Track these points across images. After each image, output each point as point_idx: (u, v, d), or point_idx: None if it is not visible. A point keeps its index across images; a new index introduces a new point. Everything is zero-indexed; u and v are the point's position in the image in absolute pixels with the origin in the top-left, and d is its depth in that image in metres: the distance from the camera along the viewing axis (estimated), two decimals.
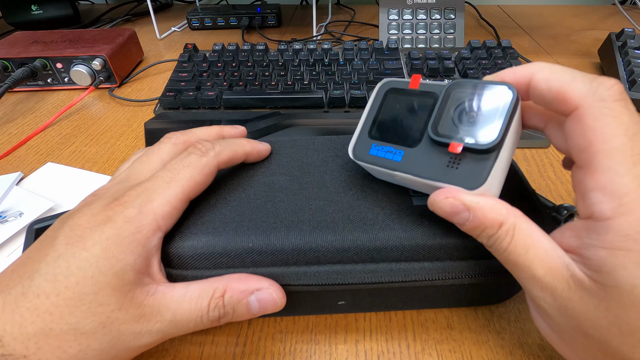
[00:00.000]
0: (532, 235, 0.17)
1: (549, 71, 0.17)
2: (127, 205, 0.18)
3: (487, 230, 0.17)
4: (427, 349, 0.23)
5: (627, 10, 0.74)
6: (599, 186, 0.15)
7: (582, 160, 0.16)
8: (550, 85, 0.16)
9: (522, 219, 0.17)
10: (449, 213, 0.18)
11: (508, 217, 0.17)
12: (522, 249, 0.17)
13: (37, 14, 0.70)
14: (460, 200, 0.17)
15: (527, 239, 0.17)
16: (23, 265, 0.17)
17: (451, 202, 0.18)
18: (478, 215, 0.17)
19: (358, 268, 0.20)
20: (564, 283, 0.16)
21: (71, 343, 0.16)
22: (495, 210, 0.17)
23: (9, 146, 0.41)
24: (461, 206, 0.17)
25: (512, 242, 0.17)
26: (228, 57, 0.51)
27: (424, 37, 0.58)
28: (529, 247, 0.16)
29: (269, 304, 0.19)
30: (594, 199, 0.15)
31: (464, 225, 0.18)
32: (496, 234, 0.17)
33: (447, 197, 0.18)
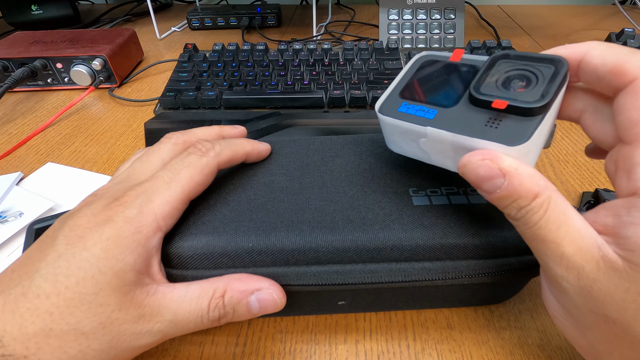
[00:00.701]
0: (567, 212, 0.16)
1: (605, 47, 0.16)
2: (127, 205, 0.18)
3: (520, 201, 0.16)
4: (427, 349, 0.23)
5: (627, 10, 0.74)
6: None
7: (631, 135, 0.15)
8: (605, 59, 0.16)
9: (558, 193, 0.16)
10: (483, 177, 0.17)
11: (545, 189, 0.16)
12: (554, 225, 0.16)
13: (37, 14, 0.70)
14: (498, 164, 0.16)
15: (560, 215, 0.16)
16: (23, 265, 0.17)
17: (488, 165, 0.16)
18: (514, 183, 0.16)
19: (358, 268, 0.20)
20: (593, 263, 0.15)
21: (71, 343, 0.16)
22: (534, 179, 0.16)
23: (9, 146, 0.41)
24: (497, 170, 0.16)
25: (545, 217, 0.16)
26: (228, 57, 0.51)
27: (424, 37, 0.58)
28: (561, 224, 0.16)
29: (269, 304, 0.19)
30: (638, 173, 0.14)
31: (494, 194, 0.17)
32: (529, 206, 0.16)
33: (485, 159, 0.16)
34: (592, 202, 0.31)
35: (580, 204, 0.31)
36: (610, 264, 0.15)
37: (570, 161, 0.37)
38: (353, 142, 0.26)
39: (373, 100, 0.43)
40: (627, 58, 0.16)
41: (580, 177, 0.35)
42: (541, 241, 0.16)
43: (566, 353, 0.22)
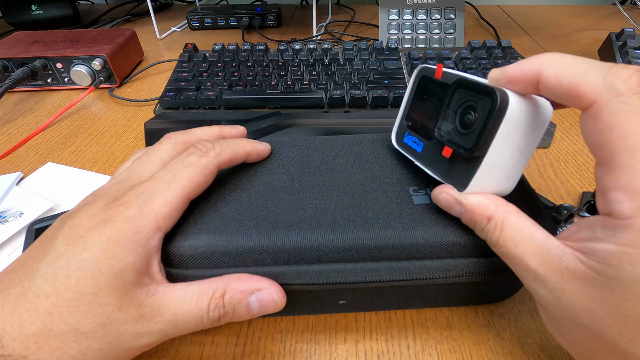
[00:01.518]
0: (523, 230, 0.17)
1: (559, 65, 0.15)
2: (128, 205, 0.18)
3: (478, 224, 0.19)
4: (427, 349, 0.23)
5: (627, 10, 0.74)
6: (620, 185, 0.14)
7: (601, 158, 0.15)
8: (560, 82, 0.15)
9: (513, 215, 0.18)
10: (445, 206, 0.20)
11: (496, 213, 0.18)
12: (512, 243, 0.17)
13: (37, 14, 0.70)
14: (451, 195, 0.20)
15: (517, 233, 0.17)
16: (23, 265, 0.17)
17: (444, 197, 0.20)
18: (468, 210, 0.19)
19: (359, 267, 0.20)
20: (557, 274, 0.16)
21: (71, 343, 0.16)
22: (482, 206, 0.19)
23: (9, 146, 0.41)
24: (453, 200, 0.20)
25: (502, 236, 0.18)
26: (228, 57, 0.51)
27: (424, 37, 0.58)
28: (520, 241, 0.17)
29: (269, 304, 0.19)
30: (614, 197, 0.14)
31: (462, 218, 0.20)
32: (486, 228, 0.18)
33: (442, 192, 0.20)
34: (592, 202, 0.31)
35: (580, 204, 0.31)
36: (573, 273, 0.16)
37: (570, 161, 0.37)
38: (353, 142, 0.26)
39: (373, 100, 0.43)
40: (581, 78, 0.15)
41: (580, 177, 0.35)
42: (506, 257, 0.18)
43: (566, 353, 0.22)
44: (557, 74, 0.15)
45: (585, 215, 0.30)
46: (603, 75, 0.14)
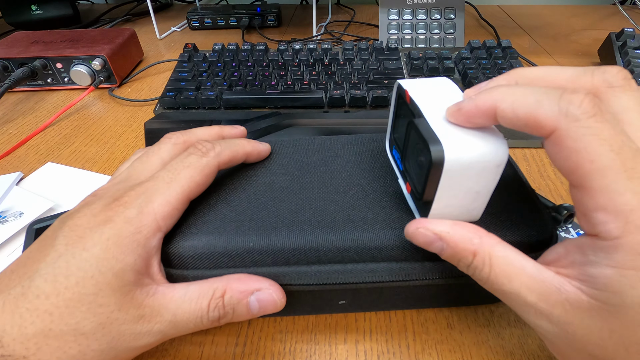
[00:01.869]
0: (513, 263, 0.16)
1: (512, 98, 0.15)
2: (128, 205, 0.18)
3: (463, 260, 0.17)
4: (427, 349, 0.23)
5: (627, 10, 0.74)
6: (600, 206, 0.14)
7: (574, 181, 0.15)
8: (517, 114, 0.15)
9: (499, 247, 0.17)
10: (424, 243, 0.18)
11: (481, 247, 0.17)
12: (505, 279, 0.16)
13: (37, 14, 0.70)
14: (430, 230, 0.18)
15: (507, 267, 0.16)
16: (23, 265, 0.17)
17: (422, 233, 0.18)
18: (450, 245, 0.17)
19: (359, 267, 0.20)
20: (559, 307, 0.15)
21: (71, 344, 0.16)
22: (466, 239, 0.17)
23: (9, 146, 0.41)
24: (432, 236, 0.18)
25: (492, 272, 0.17)
26: (228, 57, 0.51)
27: (424, 37, 0.58)
28: (512, 276, 0.16)
29: (269, 304, 0.19)
30: (598, 219, 0.14)
31: (442, 255, 0.18)
32: (473, 264, 0.17)
33: (418, 228, 0.18)
34: None
35: None
36: (577, 305, 0.15)
37: None
38: (353, 142, 0.26)
39: (373, 100, 0.43)
40: (537, 108, 0.15)
41: None
42: (501, 294, 0.17)
43: None
44: (512, 107, 0.15)
45: None
46: (557, 104, 0.14)
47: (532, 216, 0.21)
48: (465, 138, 0.17)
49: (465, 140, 0.17)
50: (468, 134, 0.17)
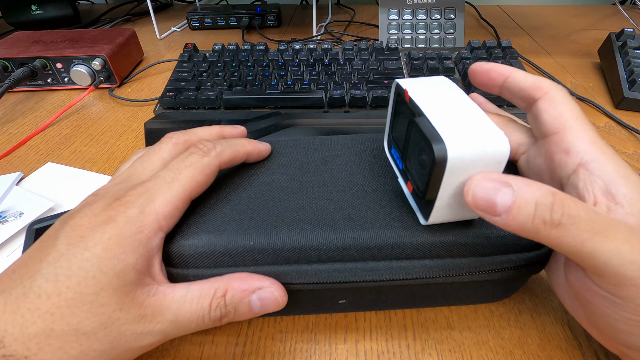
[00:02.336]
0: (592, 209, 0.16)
1: (523, 71, 0.21)
2: (129, 205, 0.18)
3: (541, 200, 0.15)
4: (427, 349, 0.23)
5: (627, 10, 0.74)
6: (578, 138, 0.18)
7: (555, 126, 0.19)
8: (527, 77, 0.21)
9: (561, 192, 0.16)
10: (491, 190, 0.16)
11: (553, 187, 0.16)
12: (595, 214, 0.15)
13: (37, 14, 0.70)
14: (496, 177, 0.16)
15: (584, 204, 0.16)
16: (24, 265, 0.17)
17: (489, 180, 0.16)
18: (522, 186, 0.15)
19: (359, 266, 0.20)
20: (635, 242, 0.15)
21: (72, 344, 0.16)
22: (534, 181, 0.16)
23: (9, 146, 0.41)
24: (501, 181, 0.16)
25: (581, 207, 0.15)
26: (228, 57, 0.51)
27: (424, 37, 0.58)
28: (597, 212, 0.15)
29: (271, 303, 0.19)
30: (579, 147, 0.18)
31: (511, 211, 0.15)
32: (556, 202, 0.15)
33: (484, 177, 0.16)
34: None
35: None
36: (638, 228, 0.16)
37: None
38: (353, 142, 0.26)
39: (373, 100, 0.43)
40: (540, 78, 0.20)
41: None
42: (598, 233, 0.15)
43: (566, 353, 0.22)
44: (524, 74, 0.21)
45: None
46: (549, 80, 0.20)
47: None
48: (467, 135, 0.17)
49: (467, 138, 0.17)
50: (469, 131, 0.17)
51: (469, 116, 0.18)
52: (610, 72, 0.50)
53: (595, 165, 0.17)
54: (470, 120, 0.18)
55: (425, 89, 0.20)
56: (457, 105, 0.19)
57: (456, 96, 0.19)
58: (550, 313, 0.24)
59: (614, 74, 0.48)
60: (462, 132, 0.17)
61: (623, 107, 0.45)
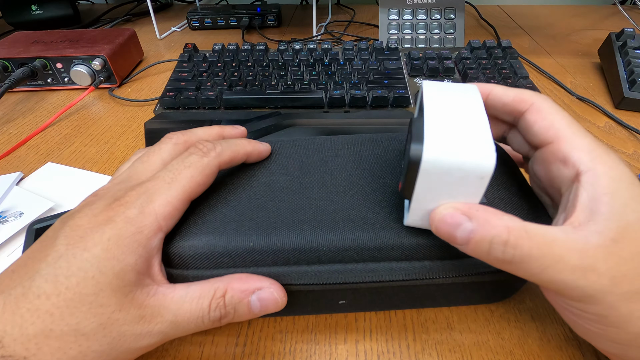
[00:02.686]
0: (546, 232, 0.16)
1: (502, 87, 0.21)
2: (128, 205, 0.18)
3: (496, 239, 0.16)
4: (427, 349, 0.23)
5: (627, 10, 0.74)
6: (572, 147, 0.18)
7: (549, 137, 0.19)
8: (507, 92, 0.21)
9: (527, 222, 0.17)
10: (452, 225, 0.17)
11: (512, 221, 0.16)
12: (547, 248, 0.16)
13: (37, 14, 0.70)
14: (459, 209, 0.17)
15: (544, 236, 0.16)
16: (23, 265, 0.17)
17: (451, 213, 0.17)
18: (481, 223, 0.16)
19: (359, 267, 0.20)
20: (599, 256, 0.16)
21: (71, 344, 0.16)
22: (498, 215, 0.17)
23: (9, 146, 0.41)
24: (461, 216, 0.17)
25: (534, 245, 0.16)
26: (228, 57, 0.51)
27: (424, 37, 0.58)
28: (552, 243, 0.16)
29: (270, 303, 0.19)
30: (574, 156, 0.18)
31: (470, 241, 0.17)
32: (510, 241, 0.16)
33: (447, 208, 0.17)
34: None
35: None
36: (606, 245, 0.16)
37: None
38: (353, 142, 0.26)
39: (373, 100, 0.43)
40: (522, 90, 0.21)
41: None
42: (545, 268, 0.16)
43: (566, 353, 0.22)
44: (504, 89, 0.21)
45: None
46: (531, 91, 0.21)
47: (532, 215, 0.21)
48: (453, 143, 0.16)
49: (452, 145, 0.16)
50: (459, 139, 0.17)
51: (470, 126, 0.17)
52: (610, 72, 0.49)
53: (587, 178, 0.17)
54: (469, 130, 0.17)
55: (443, 93, 0.19)
56: (465, 114, 0.18)
57: (471, 105, 0.18)
58: (550, 313, 0.24)
59: (614, 74, 0.48)
60: (451, 138, 0.17)
61: (623, 107, 0.45)
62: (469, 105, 0.19)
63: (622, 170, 0.17)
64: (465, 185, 0.17)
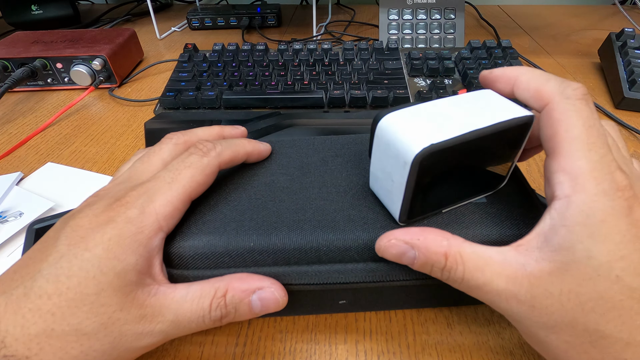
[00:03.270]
0: (482, 255, 0.17)
1: (531, 74, 0.19)
2: (129, 205, 0.18)
3: (436, 264, 0.18)
4: (427, 349, 0.23)
5: (627, 10, 0.74)
6: (561, 168, 0.16)
7: (549, 148, 0.17)
8: (529, 85, 0.18)
9: (466, 244, 0.18)
10: (397, 255, 0.19)
11: (450, 247, 0.18)
12: (478, 272, 0.17)
13: (37, 14, 0.70)
14: (401, 239, 0.18)
15: (478, 260, 0.17)
16: (25, 265, 0.17)
17: (394, 244, 0.18)
18: (422, 251, 0.18)
19: (359, 267, 0.20)
20: (525, 283, 0.16)
21: (73, 344, 0.16)
22: (437, 242, 0.18)
23: (9, 146, 0.41)
24: (404, 245, 0.18)
25: (466, 269, 0.17)
26: (228, 57, 0.51)
27: (424, 37, 0.58)
28: (484, 267, 0.17)
29: (271, 303, 0.19)
30: (556, 179, 0.16)
31: (414, 264, 0.18)
32: (447, 266, 0.18)
33: (390, 240, 0.18)
34: None
35: None
36: (539, 275, 0.16)
37: None
38: (353, 142, 0.26)
39: (373, 100, 0.43)
40: (543, 84, 0.18)
41: None
42: (476, 289, 0.17)
43: None
44: (528, 79, 0.19)
45: None
46: (559, 83, 0.17)
47: (531, 215, 0.21)
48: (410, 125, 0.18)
49: (405, 125, 0.18)
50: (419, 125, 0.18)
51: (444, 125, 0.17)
52: (610, 72, 0.50)
53: (558, 205, 0.16)
54: (441, 122, 0.18)
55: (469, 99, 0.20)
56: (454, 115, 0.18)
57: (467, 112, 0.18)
58: None
59: (614, 74, 0.48)
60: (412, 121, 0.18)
61: (623, 107, 0.45)
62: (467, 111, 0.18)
63: (602, 203, 0.15)
64: (398, 166, 0.18)
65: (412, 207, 0.19)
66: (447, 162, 0.18)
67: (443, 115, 0.18)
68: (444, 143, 0.17)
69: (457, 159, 0.18)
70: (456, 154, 0.18)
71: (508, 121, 0.18)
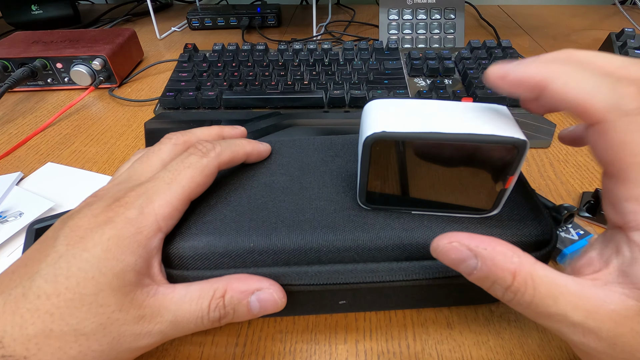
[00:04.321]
0: (557, 282, 0.15)
1: (566, 78, 0.15)
2: (128, 206, 0.18)
3: (499, 281, 0.16)
4: (427, 349, 0.23)
5: (627, 10, 0.74)
6: (632, 197, 0.14)
7: (611, 172, 0.15)
8: (567, 96, 0.15)
9: (538, 265, 0.16)
10: (455, 260, 0.17)
11: (521, 266, 0.15)
12: (550, 300, 0.15)
13: (37, 14, 0.70)
14: (466, 245, 0.16)
15: (552, 287, 0.15)
16: (24, 265, 0.17)
17: (456, 248, 0.16)
18: (487, 264, 0.16)
19: (359, 267, 0.20)
20: (608, 321, 0.14)
21: (71, 344, 0.16)
22: (507, 257, 0.16)
23: (9, 146, 0.41)
24: (467, 252, 0.16)
25: (537, 294, 0.15)
26: (228, 57, 0.51)
27: (424, 37, 0.58)
28: (558, 295, 0.15)
29: (270, 304, 0.19)
30: (628, 208, 0.15)
31: (472, 275, 0.16)
32: (513, 286, 0.15)
33: (451, 242, 0.16)
34: (592, 202, 0.31)
35: (580, 204, 0.31)
36: (625, 313, 0.14)
37: (571, 161, 0.37)
38: (353, 142, 0.26)
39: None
40: (589, 99, 0.14)
41: (580, 177, 0.35)
42: (546, 317, 0.15)
43: (566, 353, 0.22)
44: (564, 87, 0.15)
45: (585, 215, 0.30)
46: (610, 93, 0.14)
47: (532, 216, 0.21)
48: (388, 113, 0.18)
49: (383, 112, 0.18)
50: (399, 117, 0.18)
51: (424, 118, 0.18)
52: None
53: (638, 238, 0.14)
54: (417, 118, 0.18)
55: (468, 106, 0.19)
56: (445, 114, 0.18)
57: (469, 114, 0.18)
58: None
59: None
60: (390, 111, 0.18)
61: None
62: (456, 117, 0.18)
63: None
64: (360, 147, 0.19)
65: (371, 192, 0.20)
66: (408, 156, 0.18)
67: (426, 114, 0.18)
68: (399, 134, 0.17)
69: (422, 157, 0.18)
70: (419, 151, 0.18)
71: (488, 137, 0.16)
